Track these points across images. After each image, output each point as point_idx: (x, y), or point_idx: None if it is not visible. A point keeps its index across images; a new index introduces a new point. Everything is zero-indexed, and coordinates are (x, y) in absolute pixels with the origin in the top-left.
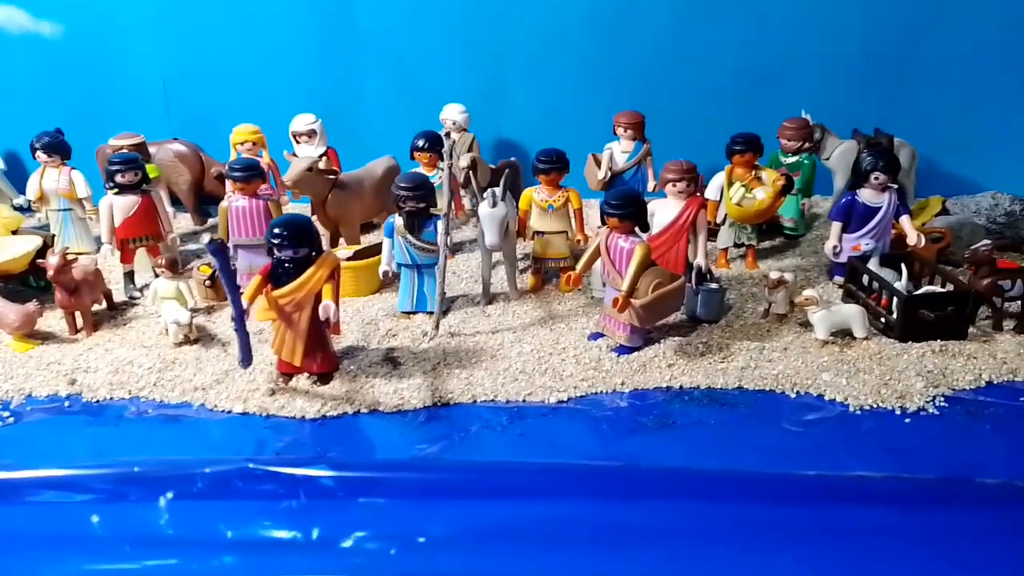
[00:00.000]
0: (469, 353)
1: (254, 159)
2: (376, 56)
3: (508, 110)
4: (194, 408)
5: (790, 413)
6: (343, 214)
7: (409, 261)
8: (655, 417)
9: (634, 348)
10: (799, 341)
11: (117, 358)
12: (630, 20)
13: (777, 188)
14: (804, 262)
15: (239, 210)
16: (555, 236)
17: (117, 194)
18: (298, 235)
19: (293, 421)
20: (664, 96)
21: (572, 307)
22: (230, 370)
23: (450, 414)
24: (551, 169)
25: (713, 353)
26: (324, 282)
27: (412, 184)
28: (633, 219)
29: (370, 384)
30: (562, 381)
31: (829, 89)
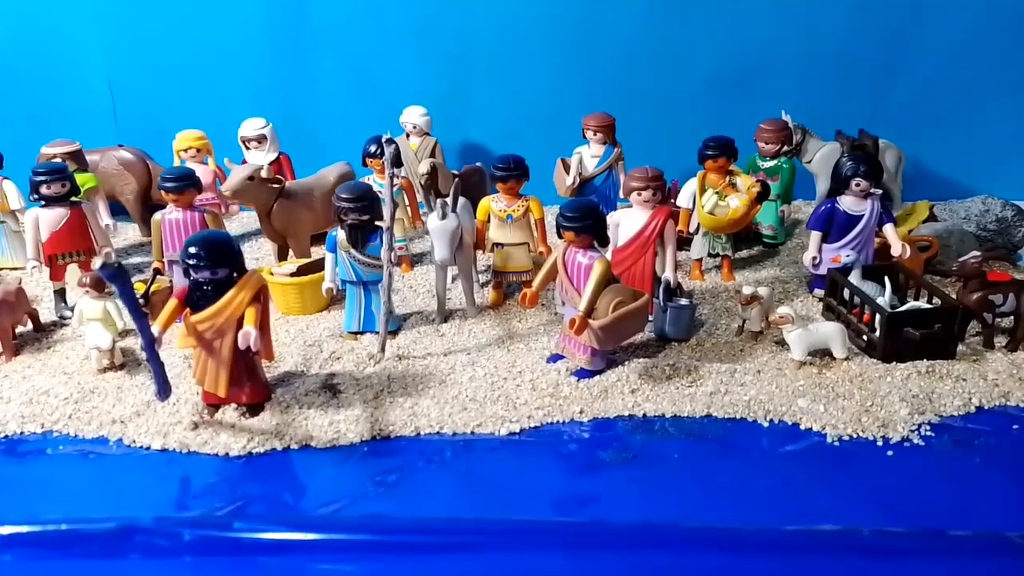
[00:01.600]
0: (416, 378)
1: (187, 168)
2: (332, 56)
3: (473, 113)
4: (111, 443)
5: (762, 445)
6: (291, 226)
7: (354, 278)
8: (615, 451)
9: (595, 371)
10: (774, 362)
11: (33, 387)
12: (601, 18)
13: (752, 195)
14: (783, 273)
15: (173, 223)
16: (516, 248)
17: (44, 207)
18: (216, 254)
19: (216, 459)
20: (636, 98)
21: (533, 325)
22: (153, 401)
23: (390, 449)
24: (509, 176)
25: (680, 376)
26: (247, 305)
27: (354, 195)
28: (591, 232)
29: (304, 416)
30: (515, 410)
31: (809, 89)
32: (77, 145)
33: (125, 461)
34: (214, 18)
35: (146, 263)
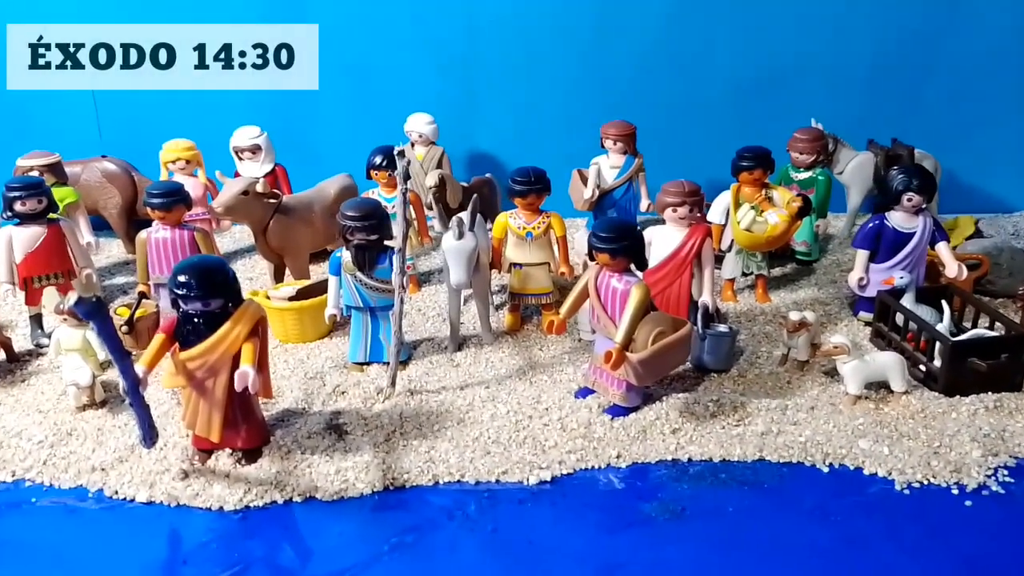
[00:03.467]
0: (431, 417)
1: (174, 183)
2: (331, 61)
3: (481, 120)
4: (90, 494)
5: (824, 494)
6: (288, 244)
7: (360, 303)
8: (660, 503)
9: (631, 408)
10: (826, 396)
11: (3, 428)
12: (618, 21)
13: (793, 211)
14: (822, 294)
15: (160, 242)
16: (535, 268)
17: (18, 224)
18: (208, 283)
19: (209, 514)
20: (655, 105)
21: (556, 353)
22: (136, 445)
23: (405, 501)
24: (529, 191)
25: (726, 414)
26: (244, 340)
27: (362, 212)
28: (628, 255)
29: (307, 463)
30: (544, 454)
31: (838, 96)
32: (56, 157)
33: (106, 516)
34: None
35: (131, 283)
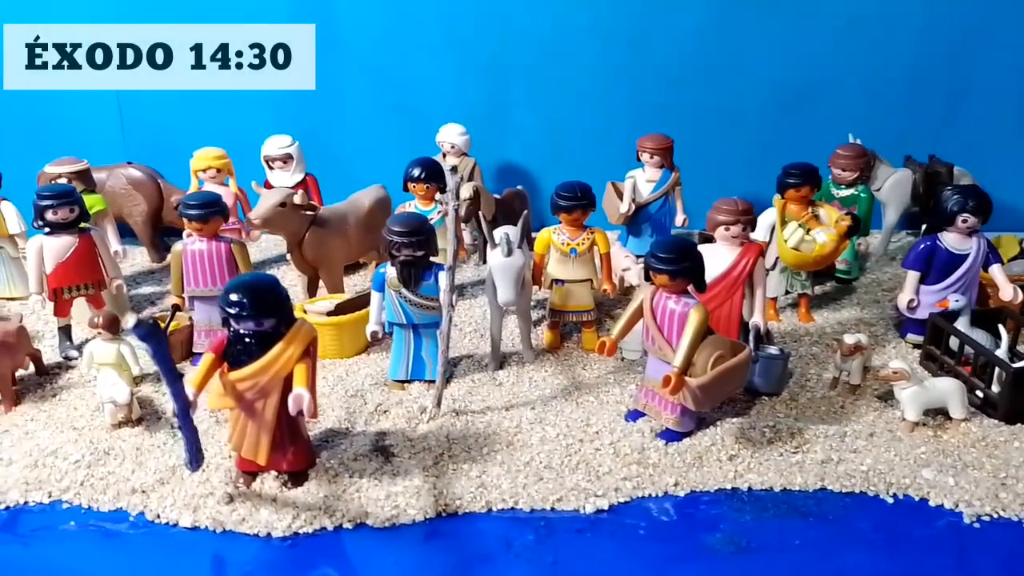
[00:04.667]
0: (479, 440)
1: (213, 193)
2: (361, 69)
3: (512, 131)
4: (131, 518)
5: (891, 527)
6: (324, 256)
7: (403, 320)
8: (723, 535)
9: (684, 433)
10: (882, 422)
11: (38, 446)
12: (652, 33)
13: (842, 229)
14: (866, 314)
15: (196, 254)
16: (577, 285)
17: (48, 234)
18: (262, 302)
19: (256, 540)
20: (689, 118)
21: (600, 373)
22: (178, 466)
23: (459, 529)
24: (575, 207)
25: (783, 441)
26: (296, 361)
27: (408, 228)
28: (688, 277)
29: (355, 487)
30: (599, 481)
31: (875, 111)
32: (85, 163)
33: (149, 541)
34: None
35: (158, 293)
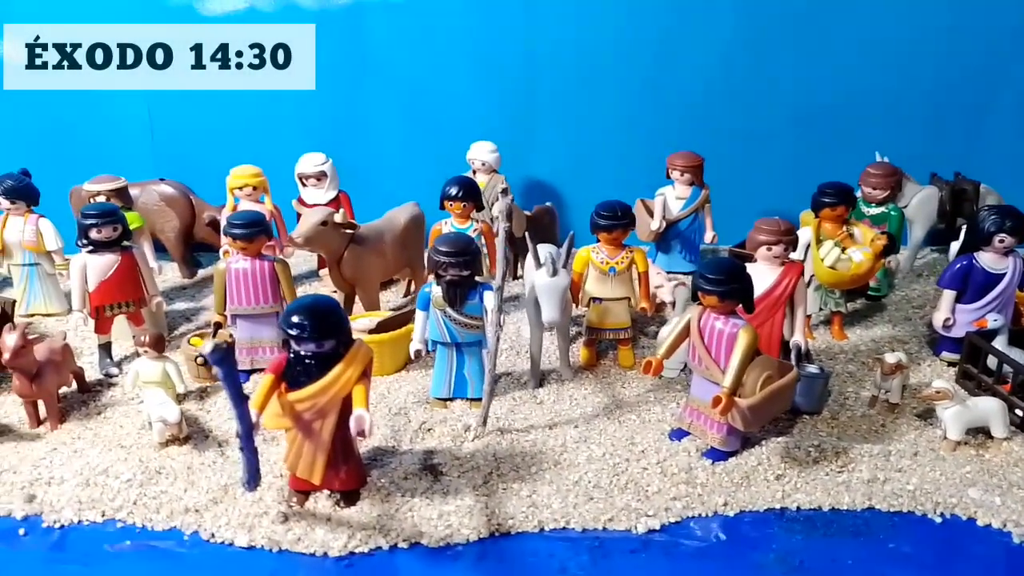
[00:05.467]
0: (527, 459)
1: (258, 212)
2: (390, 88)
3: (539, 149)
4: (185, 537)
5: (941, 547)
6: (362, 274)
7: (447, 339)
8: (776, 555)
9: (730, 453)
10: (924, 441)
11: (88, 464)
12: (679, 53)
13: (878, 248)
14: (898, 331)
15: (240, 273)
16: (615, 303)
17: (91, 252)
18: (324, 324)
19: (313, 559)
20: (716, 137)
21: (639, 391)
22: (231, 484)
23: (513, 549)
24: (615, 226)
25: (829, 460)
26: (355, 383)
27: (455, 248)
28: (737, 298)
29: (408, 506)
30: (648, 500)
31: (900, 129)
32: (123, 181)
33: (207, 561)
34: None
35: (191, 310)
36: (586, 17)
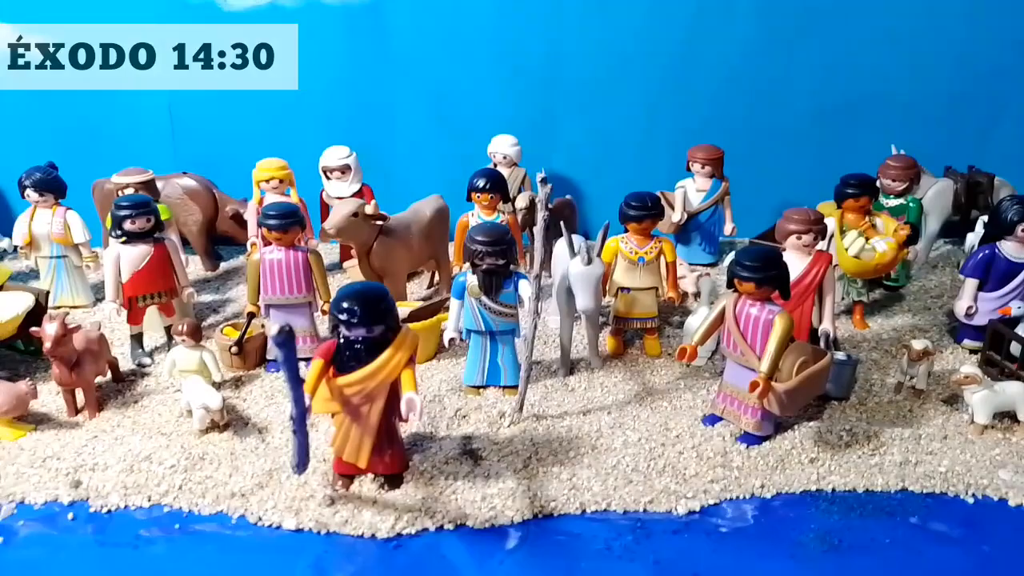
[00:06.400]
0: (564, 444)
1: (292, 204)
2: (413, 82)
3: (559, 143)
4: (232, 521)
5: (976, 526)
6: (390, 265)
7: (482, 327)
8: (814, 534)
9: (764, 437)
10: (951, 425)
11: (130, 451)
12: (698, 48)
13: (901, 238)
14: (919, 320)
15: (274, 264)
16: (643, 293)
17: (125, 243)
18: (374, 310)
19: (361, 541)
20: (735, 130)
21: (669, 378)
22: (275, 469)
23: (558, 530)
24: (645, 216)
25: (860, 444)
26: (403, 367)
27: (491, 237)
28: (774, 285)
29: (451, 489)
30: (687, 483)
31: (914, 123)
32: (150, 174)
33: (257, 543)
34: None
35: (217, 301)
36: (607, 11)
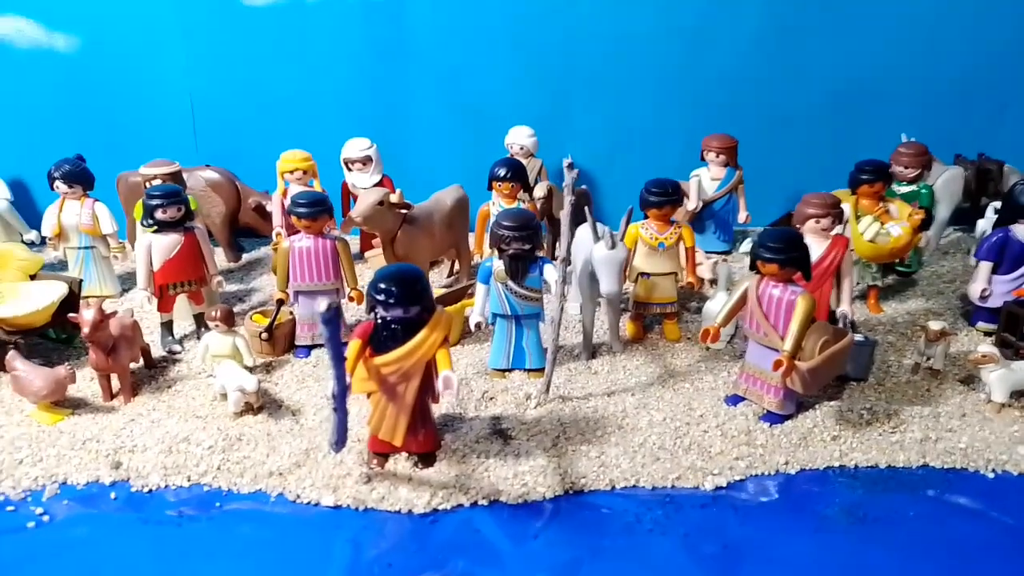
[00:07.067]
0: (591, 423)
1: (321, 193)
2: (429, 75)
3: (574, 133)
4: (271, 498)
5: (998, 499)
6: (413, 253)
7: (507, 311)
8: (840, 508)
9: (786, 416)
10: (969, 404)
11: (167, 433)
12: (710, 37)
13: (915, 223)
14: (932, 304)
15: (303, 251)
16: (663, 278)
17: (156, 232)
18: (411, 291)
19: (398, 516)
20: (747, 120)
21: (689, 361)
22: (311, 449)
23: (589, 505)
24: (665, 202)
25: (881, 421)
26: (438, 347)
27: (518, 223)
28: (796, 266)
29: (483, 467)
30: (712, 460)
31: (924, 110)
32: (177, 165)
33: (296, 519)
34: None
35: (242, 291)
36: (621, 2)
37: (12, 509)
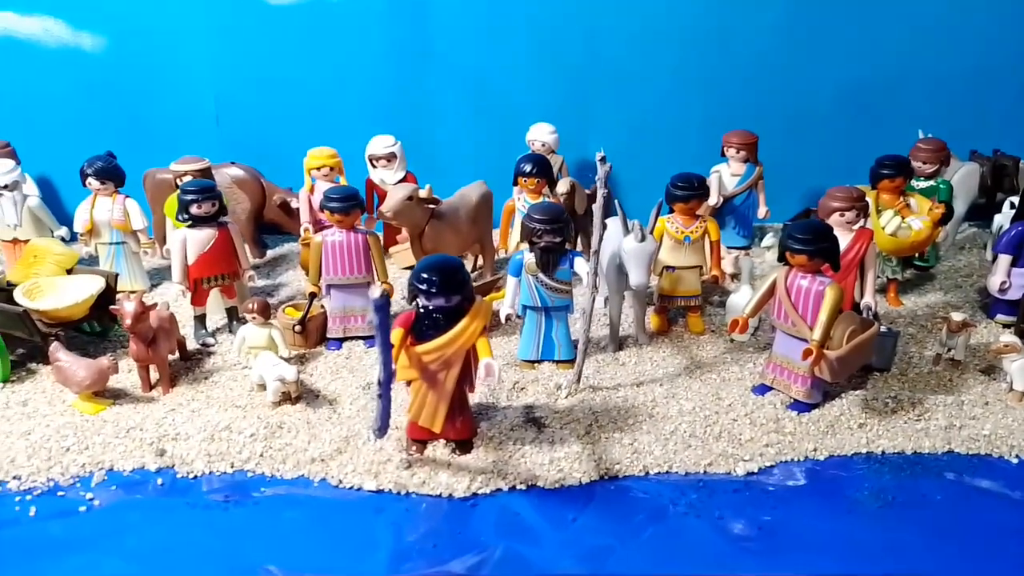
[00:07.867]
0: (622, 412)
1: (353, 187)
2: (451, 72)
3: (594, 130)
4: (314, 484)
5: (1022, 483)
6: (440, 248)
7: (538, 303)
8: (869, 492)
9: (813, 405)
10: (991, 393)
11: (209, 422)
12: (730, 34)
13: (936, 216)
14: (951, 297)
15: (335, 245)
16: (688, 271)
17: (191, 227)
18: (452, 280)
19: (439, 500)
20: (765, 114)
21: (715, 353)
22: (351, 436)
23: (624, 490)
24: (691, 196)
25: (905, 410)
26: (479, 335)
27: (550, 216)
28: (825, 257)
29: (520, 453)
30: (743, 447)
31: (940, 107)
32: (206, 162)
33: (339, 503)
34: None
35: (269, 286)
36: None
37: (62, 494)
